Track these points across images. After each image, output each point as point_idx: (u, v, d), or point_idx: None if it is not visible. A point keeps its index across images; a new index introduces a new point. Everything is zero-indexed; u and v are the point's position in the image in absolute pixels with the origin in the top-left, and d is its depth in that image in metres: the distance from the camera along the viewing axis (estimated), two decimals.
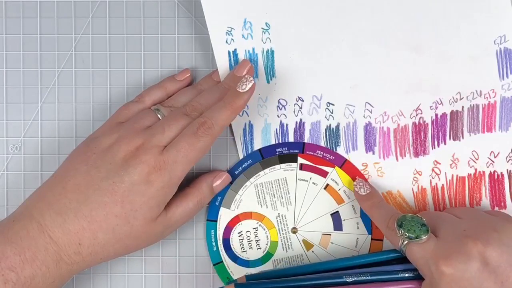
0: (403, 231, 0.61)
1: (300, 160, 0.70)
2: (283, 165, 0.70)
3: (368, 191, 0.67)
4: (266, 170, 0.69)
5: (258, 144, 0.70)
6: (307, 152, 0.70)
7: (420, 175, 0.69)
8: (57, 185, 0.61)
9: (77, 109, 0.70)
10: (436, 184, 0.69)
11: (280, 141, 0.70)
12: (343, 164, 0.70)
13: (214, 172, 0.68)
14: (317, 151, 0.70)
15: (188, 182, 0.67)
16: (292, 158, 0.70)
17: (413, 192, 0.69)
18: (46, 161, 0.70)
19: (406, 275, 0.63)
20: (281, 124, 0.70)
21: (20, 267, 0.58)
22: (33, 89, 0.70)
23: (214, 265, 0.69)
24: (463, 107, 0.69)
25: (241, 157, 0.70)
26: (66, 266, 0.60)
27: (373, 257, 0.65)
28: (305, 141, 0.70)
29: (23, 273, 0.58)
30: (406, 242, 0.61)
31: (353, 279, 0.62)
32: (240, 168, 0.70)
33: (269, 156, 0.70)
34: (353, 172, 0.70)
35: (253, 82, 0.63)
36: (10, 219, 0.61)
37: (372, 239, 0.69)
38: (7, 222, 0.60)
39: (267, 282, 0.63)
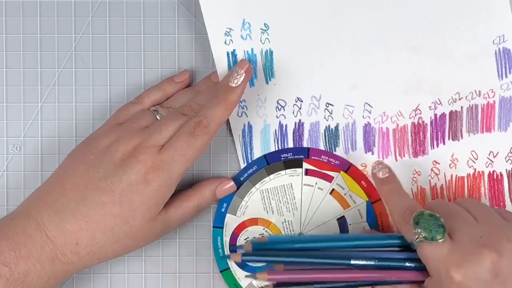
0: (419, 230, 0.59)
1: (305, 165, 0.70)
2: (288, 171, 0.69)
3: (386, 175, 0.65)
4: (272, 176, 0.69)
5: (257, 145, 0.70)
6: (312, 157, 0.70)
7: (419, 175, 0.70)
8: (56, 185, 0.62)
9: (77, 109, 0.70)
10: (435, 184, 0.69)
11: (279, 142, 0.70)
12: (348, 168, 0.70)
13: (220, 178, 0.68)
14: (322, 156, 0.70)
15: (191, 185, 0.68)
16: (297, 164, 0.70)
17: (412, 192, 0.69)
18: (46, 161, 0.70)
19: (413, 265, 0.61)
20: (280, 125, 0.70)
21: (14, 262, 0.58)
22: (33, 89, 0.70)
23: (221, 271, 0.69)
24: (462, 107, 0.69)
25: (240, 158, 0.70)
26: (62, 265, 0.60)
27: (386, 240, 0.63)
28: (304, 141, 0.70)
29: (17, 269, 0.58)
30: (419, 240, 0.59)
31: (359, 262, 0.61)
32: (246, 174, 0.69)
33: (274, 161, 0.70)
34: (359, 177, 0.69)
35: (244, 75, 0.63)
36: (8, 216, 0.61)
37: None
38: (5, 220, 0.61)
39: (276, 255, 0.62)
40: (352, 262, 0.61)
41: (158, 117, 0.65)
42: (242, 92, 0.63)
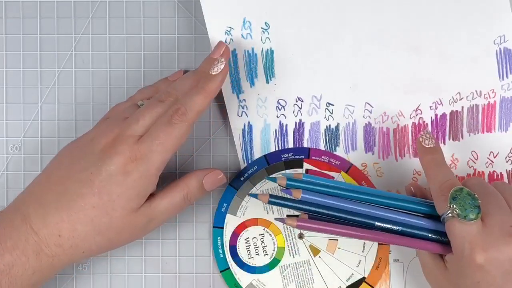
0: (454, 206, 0.59)
1: (306, 165, 0.69)
2: (288, 171, 0.69)
3: (432, 145, 0.64)
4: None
5: (257, 145, 0.70)
6: (313, 158, 0.70)
7: (419, 175, 0.70)
8: (43, 178, 0.62)
9: (77, 109, 0.70)
10: None
11: (280, 142, 0.70)
12: (349, 169, 0.70)
13: (208, 169, 0.66)
14: (323, 156, 0.70)
15: None
16: (297, 164, 0.70)
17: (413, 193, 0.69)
18: (46, 161, 0.69)
19: (437, 237, 0.61)
20: (281, 125, 0.70)
21: (0, 254, 0.59)
22: (33, 89, 0.70)
23: (221, 271, 0.69)
24: (462, 107, 0.69)
25: (240, 158, 0.70)
26: (47, 258, 0.60)
27: (417, 205, 0.63)
28: (305, 141, 0.70)
29: (2, 261, 0.59)
30: (451, 215, 0.59)
31: (383, 225, 0.61)
32: (246, 175, 0.69)
33: (275, 162, 0.70)
34: (359, 177, 0.69)
35: (224, 63, 0.63)
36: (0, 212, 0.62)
37: (379, 243, 0.69)
38: None
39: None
40: (376, 224, 0.62)
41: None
42: (223, 80, 0.63)
